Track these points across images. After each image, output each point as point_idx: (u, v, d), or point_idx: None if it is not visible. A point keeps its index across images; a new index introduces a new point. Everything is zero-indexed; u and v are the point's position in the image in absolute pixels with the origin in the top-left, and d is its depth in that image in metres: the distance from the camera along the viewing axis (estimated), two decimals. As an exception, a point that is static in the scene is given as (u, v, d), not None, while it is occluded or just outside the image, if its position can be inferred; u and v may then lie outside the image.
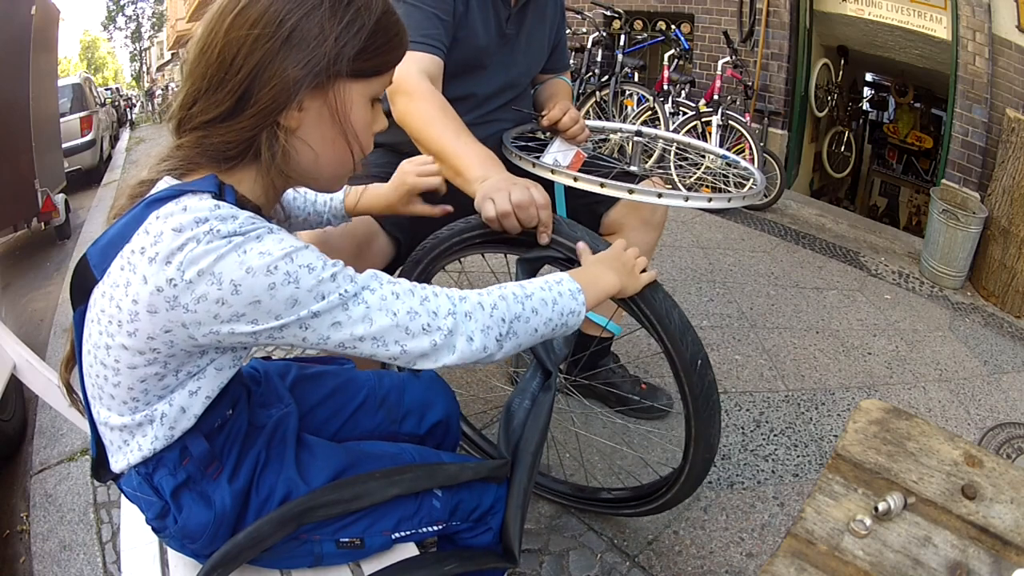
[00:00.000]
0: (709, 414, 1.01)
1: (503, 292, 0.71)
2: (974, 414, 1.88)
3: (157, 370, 0.62)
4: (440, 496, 0.82)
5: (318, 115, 0.64)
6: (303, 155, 0.66)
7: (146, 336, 0.59)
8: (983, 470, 0.70)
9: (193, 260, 0.55)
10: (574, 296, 0.76)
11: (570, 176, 1.08)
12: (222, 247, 0.56)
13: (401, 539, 0.81)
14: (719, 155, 1.59)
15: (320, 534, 0.76)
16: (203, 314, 0.57)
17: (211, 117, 0.62)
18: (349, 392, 0.92)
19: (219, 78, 0.60)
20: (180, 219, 0.56)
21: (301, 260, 0.58)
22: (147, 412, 0.65)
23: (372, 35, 0.64)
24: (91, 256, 0.62)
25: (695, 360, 0.97)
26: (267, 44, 0.60)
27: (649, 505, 1.21)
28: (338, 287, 0.60)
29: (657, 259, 2.68)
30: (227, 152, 0.63)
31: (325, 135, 0.66)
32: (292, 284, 0.57)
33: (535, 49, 1.37)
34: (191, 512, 0.70)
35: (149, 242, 0.57)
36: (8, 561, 1.41)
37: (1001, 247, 2.64)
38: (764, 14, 3.99)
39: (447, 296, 0.67)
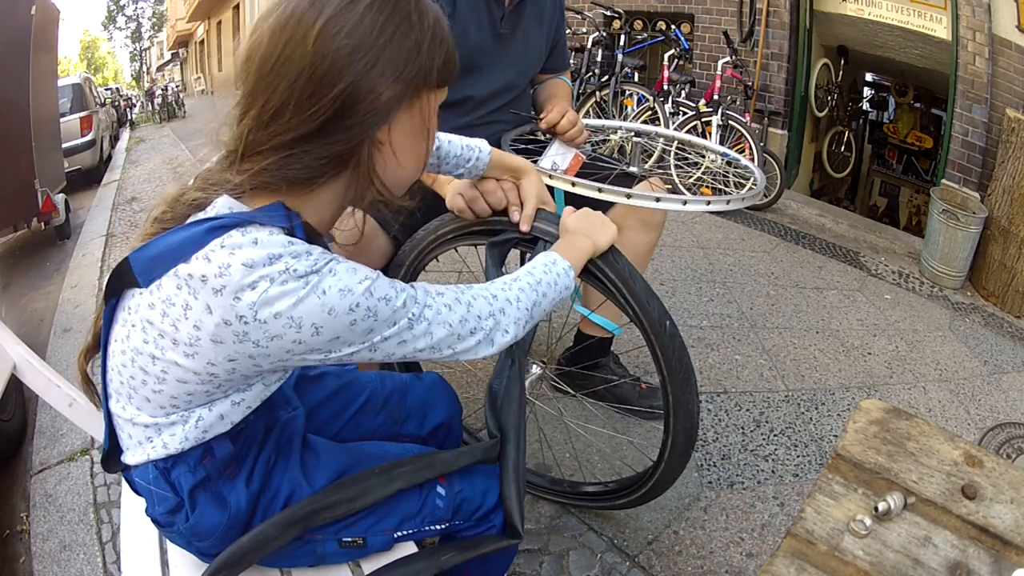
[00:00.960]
0: (684, 377, 1.02)
1: (520, 283, 0.76)
2: (974, 414, 1.88)
3: (208, 388, 0.62)
4: (443, 495, 0.82)
5: (408, 126, 0.65)
6: (389, 166, 0.66)
7: (206, 361, 0.58)
8: (983, 470, 0.70)
9: (267, 301, 0.54)
10: (567, 273, 0.82)
11: (568, 182, 1.08)
12: (300, 289, 0.55)
13: (403, 538, 0.81)
14: (719, 152, 1.59)
15: (323, 533, 0.76)
16: (275, 349, 0.57)
17: (300, 134, 0.58)
18: (351, 393, 0.93)
19: (309, 92, 0.57)
20: (251, 254, 0.55)
21: (379, 293, 0.60)
22: (183, 415, 0.64)
23: (451, 49, 0.65)
24: (135, 263, 0.60)
25: (663, 321, 0.99)
26: (365, 57, 0.57)
27: (638, 492, 1.21)
28: (407, 312, 0.63)
29: (657, 259, 2.68)
30: (313, 171, 0.61)
31: (408, 144, 0.66)
32: (372, 318, 0.59)
33: (532, 49, 1.37)
34: (205, 511, 0.70)
35: (213, 272, 0.55)
36: (8, 561, 1.41)
37: (1001, 247, 2.64)
38: (764, 14, 3.99)
39: (484, 298, 0.71)
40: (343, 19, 0.57)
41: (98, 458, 1.60)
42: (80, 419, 0.97)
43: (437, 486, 0.83)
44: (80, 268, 3.23)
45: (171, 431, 0.65)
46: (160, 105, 12.22)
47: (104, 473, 1.55)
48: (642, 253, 1.45)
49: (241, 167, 0.61)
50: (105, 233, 3.73)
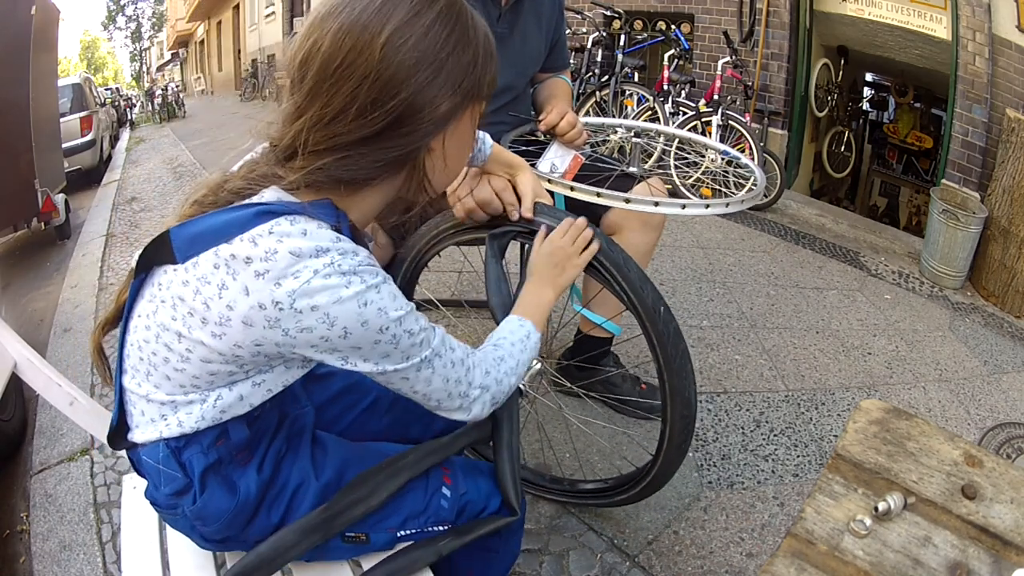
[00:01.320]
0: (681, 364, 1.02)
1: (505, 366, 0.79)
2: (974, 414, 1.88)
3: (231, 369, 0.63)
4: (448, 496, 0.83)
5: (456, 135, 0.67)
6: (438, 170, 0.68)
7: (233, 343, 0.59)
8: (983, 470, 0.70)
9: (307, 292, 0.56)
10: (537, 346, 0.86)
11: (567, 186, 1.08)
12: (342, 288, 0.56)
13: (406, 537, 0.81)
14: (719, 150, 1.59)
15: None
16: (302, 341, 0.58)
17: (359, 137, 0.60)
18: (358, 393, 0.93)
19: (372, 98, 0.58)
20: (299, 243, 0.56)
21: (407, 325, 0.62)
22: (203, 394, 0.65)
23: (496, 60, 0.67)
24: (175, 238, 0.60)
25: (657, 307, 1.00)
26: (428, 69, 0.59)
27: (636, 488, 1.20)
28: (421, 352, 0.65)
29: (657, 259, 2.68)
30: (368, 173, 0.63)
31: (457, 152, 0.69)
32: (392, 344, 0.61)
33: (531, 48, 1.36)
34: (213, 495, 0.70)
35: (259, 255, 0.56)
36: (8, 561, 1.41)
37: (1001, 247, 2.64)
38: (764, 14, 3.99)
39: (481, 370, 0.75)
40: (409, 30, 0.58)
41: (99, 458, 1.60)
42: (81, 418, 0.96)
43: (442, 487, 0.83)
44: (80, 268, 3.23)
45: (188, 409, 0.65)
46: (160, 105, 12.23)
47: (104, 473, 1.55)
48: (642, 253, 1.45)
49: (297, 164, 0.61)
50: (105, 233, 3.73)
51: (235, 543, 0.76)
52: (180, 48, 21.55)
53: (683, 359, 1.02)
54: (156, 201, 4.47)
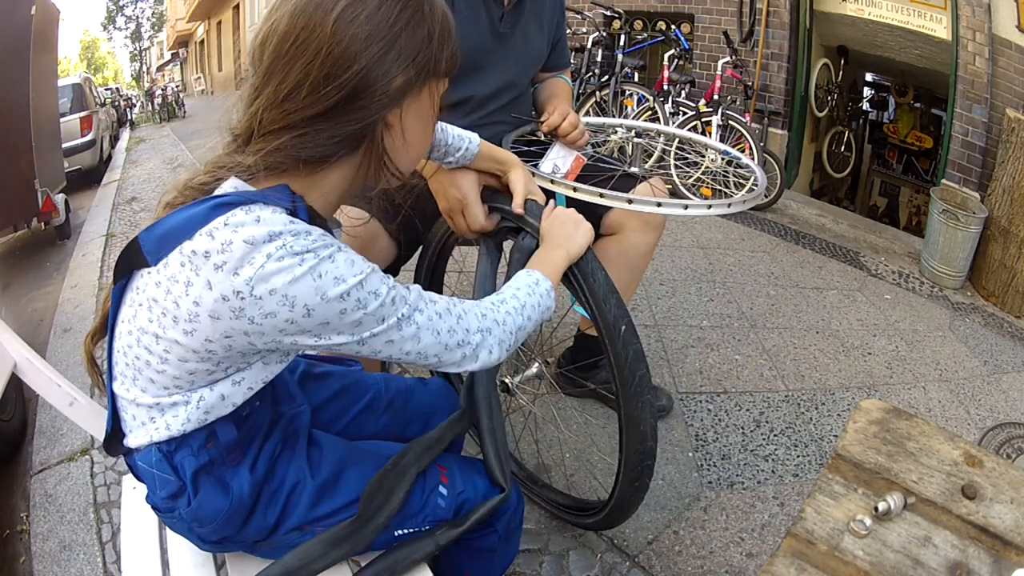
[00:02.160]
0: (638, 390, 0.96)
1: (507, 306, 0.78)
2: (974, 414, 1.88)
3: (208, 367, 0.63)
4: (445, 496, 0.83)
5: (416, 111, 0.67)
6: (398, 148, 0.68)
7: (204, 338, 0.59)
8: (983, 470, 0.70)
9: (264, 277, 0.55)
10: (549, 294, 0.84)
11: (569, 187, 1.08)
12: (295, 267, 0.56)
13: (404, 536, 0.81)
14: (719, 150, 1.59)
15: (323, 526, 0.77)
16: (268, 328, 0.58)
17: (314, 113, 0.60)
18: (355, 393, 0.93)
19: (325, 72, 0.59)
20: (252, 231, 0.56)
21: (370, 287, 0.61)
22: (186, 396, 0.65)
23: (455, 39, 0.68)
24: (144, 242, 0.61)
25: (618, 324, 0.95)
26: (380, 43, 0.60)
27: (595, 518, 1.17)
28: (396, 311, 0.63)
29: (657, 259, 2.68)
30: (326, 150, 0.63)
31: (416, 128, 0.69)
32: (361, 310, 0.60)
33: (533, 48, 1.36)
34: (207, 496, 0.70)
35: (216, 248, 0.56)
36: (8, 561, 1.41)
37: (1001, 247, 2.64)
38: (764, 14, 3.99)
39: (474, 314, 0.73)
40: (361, 5, 0.60)
41: (98, 458, 1.60)
42: (81, 418, 0.96)
43: (439, 486, 0.83)
44: (80, 268, 3.23)
45: (174, 412, 0.66)
46: (160, 105, 12.21)
47: (104, 473, 1.55)
48: (643, 253, 1.45)
49: (254, 147, 0.62)
50: (105, 233, 3.73)
51: (233, 544, 0.76)
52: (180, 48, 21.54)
53: (641, 385, 0.96)
54: (156, 201, 4.45)
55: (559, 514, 1.32)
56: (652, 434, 0.99)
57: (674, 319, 2.23)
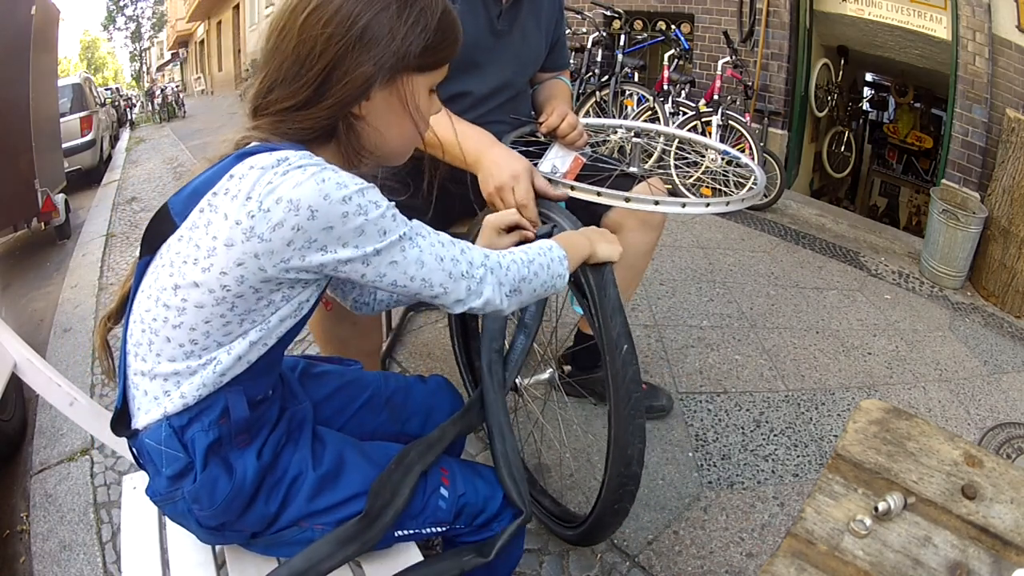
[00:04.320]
0: (630, 413, 0.95)
1: (513, 256, 0.79)
2: (974, 414, 1.88)
3: (223, 312, 0.64)
4: (446, 497, 0.83)
5: (385, 103, 0.70)
6: (371, 137, 0.72)
7: (219, 271, 0.61)
8: (983, 470, 0.70)
9: (271, 191, 0.59)
10: (561, 262, 0.83)
11: (567, 186, 1.08)
12: (299, 174, 0.60)
13: (404, 538, 0.81)
14: (719, 150, 1.58)
15: (322, 523, 0.77)
16: (278, 242, 0.60)
17: (288, 106, 0.66)
18: (354, 390, 0.93)
19: (295, 71, 0.65)
20: (263, 161, 0.61)
21: (371, 196, 0.63)
22: (203, 359, 0.67)
23: (435, 33, 0.69)
24: (173, 205, 0.65)
25: (620, 343, 0.95)
26: (340, 42, 0.64)
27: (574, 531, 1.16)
28: (397, 227, 0.65)
29: (657, 259, 2.68)
30: (303, 136, 0.68)
31: (391, 120, 0.72)
32: (362, 215, 0.62)
33: (531, 46, 1.36)
34: (211, 475, 0.70)
35: (233, 184, 0.61)
36: (8, 561, 1.41)
37: (1001, 247, 2.64)
38: (764, 14, 3.99)
39: (478, 251, 0.75)
40: (326, 8, 0.64)
41: (98, 458, 1.60)
42: (81, 418, 0.96)
43: (440, 487, 0.83)
44: (80, 268, 3.24)
45: (189, 380, 0.67)
46: (160, 105, 12.21)
47: (104, 473, 1.55)
48: (642, 253, 1.45)
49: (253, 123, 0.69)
50: (105, 233, 3.73)
51: (232, 532, 0.76)
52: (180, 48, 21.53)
53: (634, 409, 0.94)
54: (156, 201, 4.47)
55: (542, 518, 1.30)
56: (638, 459, 0.98)
57: (674, 319, 2.23)
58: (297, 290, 0.68)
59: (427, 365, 1.91)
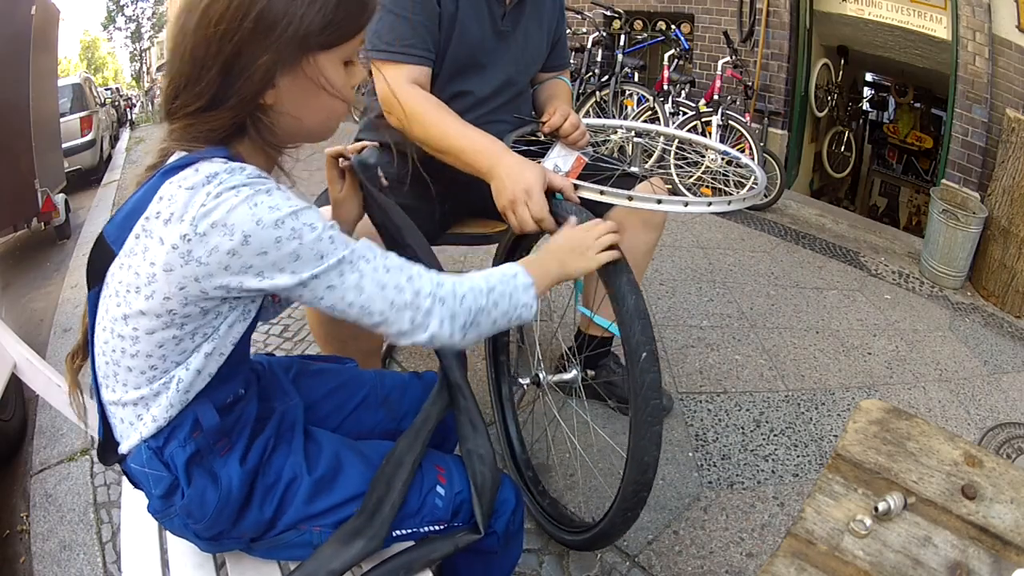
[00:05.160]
0: (649, 420, 0.93)
1: (472, 282, 0.74)
2: (974, 414, 1.88)
3: (174, 332, 0.64)
4: (442, 496, 0.82)
5: (294, 87, 0.67)
6: (286, 123, 0.69)
7: (162, 296, 0.61)
8: (983, 470, 0.70)
9: (206, 214, 0.58)
10: (526, 290, 0.79)
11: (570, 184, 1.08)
12: (232, 198, 0.58)
13: (402, 537, 0.81)
14: (719, 150, 1.58)
15: (319, 524, 0.77)
16: (215, 265, 0.59)
17: (194, 109, 0.64)
18: (351, 389, 0.93)
19: (196, 74, 0.63)
20: (192, 179, 0.59)
21: (305, 219, 0.61)
22: (164, 380, 0.67)
23: (336, 8, 0.65)
24: (108, 233, 0.64)
25: (639, 352, 0.93)
26: (234, 38, 0.62)
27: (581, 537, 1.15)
28: (336, 250, 0.63)
29: (657, 259, 2.68)
30: (216, 137, 0.66)
31: (304, 101, 0.68)
32: (296, 240, 0.60)
33: (533, 46, 1.37)
34: (197, 488, 0.71)
35: (164, 206, 0.59)
36: (8, 561, 1.41)
37: (1001, 247, 2.64)
38: (764, 14, 3.99)
39: (429, 278, 0.70)
40: (214, 7, 0.62)
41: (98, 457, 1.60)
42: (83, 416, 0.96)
43: (437, 486, 0.83)
44: (80, 268, 3.22)
45: (157, 401, 0.68)
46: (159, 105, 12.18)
47: (104, 473, 1.55)
48: (643, 253, 1.45)
49: (168, 132, 0.68)
50: (105, 233, 3.72)
51: (229, 540, 0.76)
52: (180, 48, 21.50)
53: (652, 416, 0.93)
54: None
55: (541, 520, 1.30)
56: (653, 466, 0.98)
57: (674, 319, 2.23)
58: (243, 300, 0.67)
59: (427, 364, 1.91)
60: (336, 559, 0.73)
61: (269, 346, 2.04)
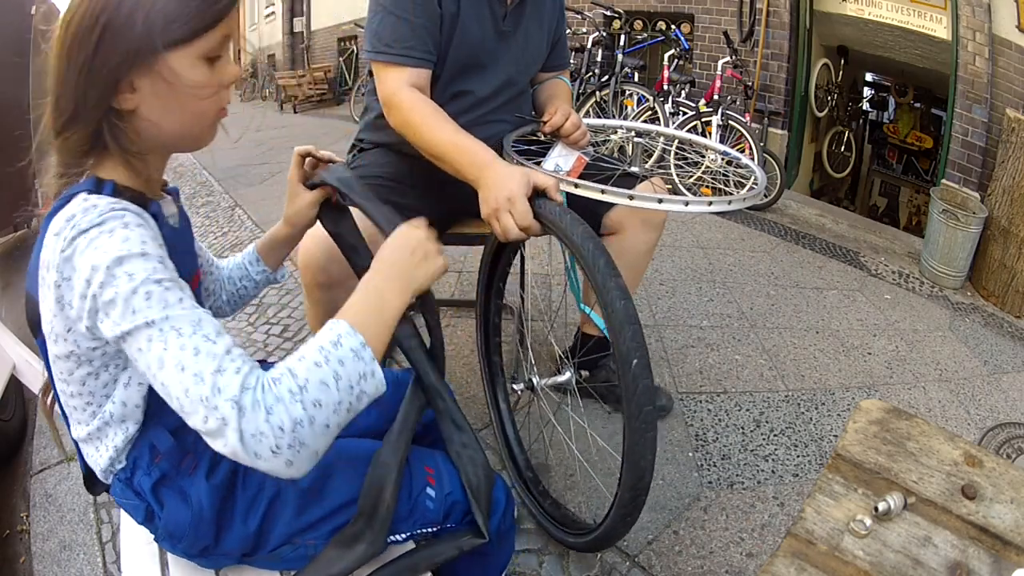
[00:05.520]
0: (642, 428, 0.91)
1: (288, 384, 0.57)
2: (974, 414, 1.88)
3: (89, 370, 0.66)
4: (433, 497, 0.82)
5: (153, 90, 0.65)
6: (146, 129, 0.67)
7: (62, 339, 0.63)
8: (983, 470, 0.70)
9: (66, 260, 0.59)
10: (359, 356, 0.61)
11: (571, 183, 1.08)
12: (81, 242, 0.59)
13: (396, 542, 0.81)
14: (719, 151, 1.58)
15: (313, 537, 0.76)
16: (78, 308, 0.60)
17: (62, 124, 0.65)
18: None
19: (60, 91, 0.64)
20: (58, 225, 0.60)
21: (128, 267, 0.57)
22: (101, 416, 0.69)
23: (180, 4, 0.63)
24: (29, 286, 0.67)
25: (630, 358, 0.89)
26: (86, 48, 0.62)
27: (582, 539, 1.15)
28: (147, 311, 0.57)
29: (657, 259, 2.68)
30: (83, 149, 0.66)
31: (163, 104, 0.66)
32: (113, 287, 0.57)
33: (533, 46, 1.37)
34: (171, 510, 0.72)
35: (45, 254, 0.61)
36: (8, 561, 1.41)
37: (1001, 247, 2.64)
38: (764, 14, 3.99)
39: (239, 382, 0.56)
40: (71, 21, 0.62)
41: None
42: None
43: (427, 487, 0.82)
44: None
45: (105, 435, 0.70)
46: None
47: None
48: (643, 253, 1.45)
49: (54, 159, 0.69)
50: (105, 233, 3.72)
51: (219, 556, 0.76)
52: (180, 48, 21.55)
53: (646, 422, 0.91)
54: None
55: (543, 522, 1.29)
56: (649, 470, 0.95)
57: (674, 319, 2.23)
58: None
59: (427, 365, 1.90)
60: (337, 564, 0.72)
61: (269, 346, 2.04)
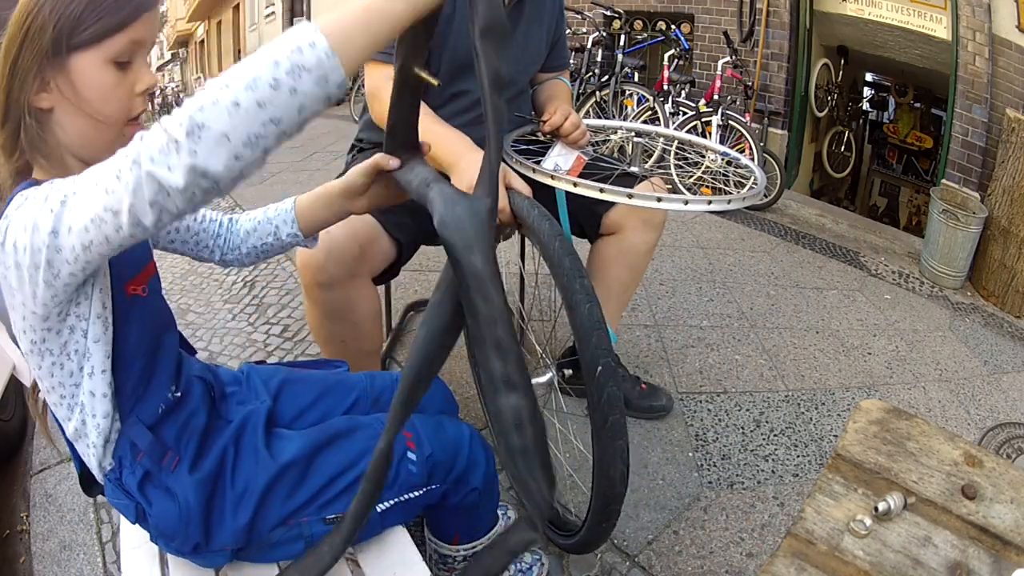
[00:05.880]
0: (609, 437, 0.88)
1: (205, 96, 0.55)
2: (974, 414, 1.88)
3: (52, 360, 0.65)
4: (415, 461, 0.84)
5: (63, 91, 0.65)
6: (56, 132, 0.67)
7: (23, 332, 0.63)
8: (983, 470, 0.70)
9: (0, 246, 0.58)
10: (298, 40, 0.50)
11: (570, 182, 1.08)
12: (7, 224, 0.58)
13: (387, 511, 0.82)
14: (719, 152, 1.58)
15: (306, 515, 0.77)
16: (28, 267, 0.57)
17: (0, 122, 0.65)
18: (338, 394, 0.93)
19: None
20: None
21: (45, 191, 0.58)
22: (77, 409, 0.68)
23: (87, 6, 0.63)
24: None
25: (594, 365, 0.86)
26: (15, 49, 0.63)
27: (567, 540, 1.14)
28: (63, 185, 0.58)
29: (657, 259, 2.68)
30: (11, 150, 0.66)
31: (73, 107, 0.66)
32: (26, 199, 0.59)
33: (532, 46, 1.37)
34: (158, 508, 0.72)
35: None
36: (8, 561, 1.41)
37: (1001, 247, 2.64)
38: (764, 14, 3.99)
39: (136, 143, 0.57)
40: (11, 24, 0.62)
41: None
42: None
43: (407, 452, 0.84)
44: (80, 268, 3.23)
45: (86, 430, 0.70)
46: (160, 105, 12.22)
47: (104, 473, 1.55)
48: (643, 253, 1.45)
49: None
50: (105, 233, 3.72)
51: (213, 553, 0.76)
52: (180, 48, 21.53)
53: (613, 432, 0.88)
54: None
55: None
56: (621, 479, 0.92)
57: (674, 319, 2.23)
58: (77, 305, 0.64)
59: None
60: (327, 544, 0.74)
61: (269, 346, 2.04)
